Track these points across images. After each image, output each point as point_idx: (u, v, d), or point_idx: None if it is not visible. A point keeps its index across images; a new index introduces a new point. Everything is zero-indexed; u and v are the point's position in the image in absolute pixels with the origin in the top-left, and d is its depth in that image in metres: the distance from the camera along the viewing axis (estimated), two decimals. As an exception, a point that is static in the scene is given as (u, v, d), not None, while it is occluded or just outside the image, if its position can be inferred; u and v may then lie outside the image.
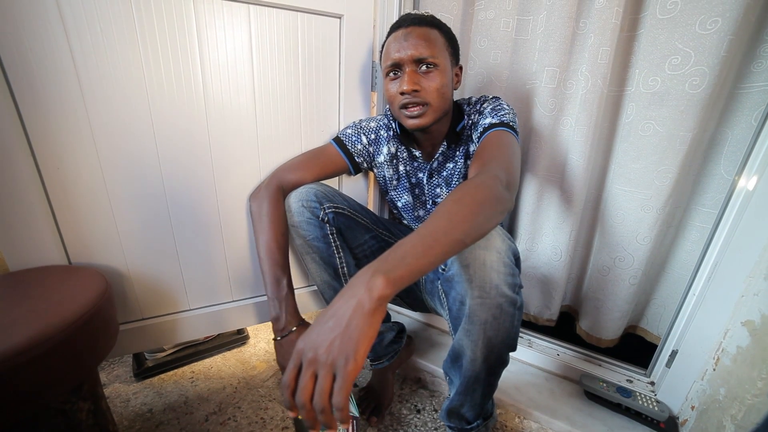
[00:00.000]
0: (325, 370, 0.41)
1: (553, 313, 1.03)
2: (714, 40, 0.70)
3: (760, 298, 0.65)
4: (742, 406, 0.63)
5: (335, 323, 0.43)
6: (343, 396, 0.40)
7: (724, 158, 0.79)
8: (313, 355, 0.42)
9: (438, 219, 0.49)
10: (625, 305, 0.94)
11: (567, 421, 0.84)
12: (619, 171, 0.88)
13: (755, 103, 0.73)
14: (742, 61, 0.73)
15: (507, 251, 0.59)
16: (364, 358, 0.42)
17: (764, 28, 0.70)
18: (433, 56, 0.70)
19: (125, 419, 0.88)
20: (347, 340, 0.41)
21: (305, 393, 0.41)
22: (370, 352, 0.90)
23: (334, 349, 0.41)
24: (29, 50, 0.62)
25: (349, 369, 0.40)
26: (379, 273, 0.43)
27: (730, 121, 0.77)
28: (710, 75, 0.72)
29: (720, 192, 0.80)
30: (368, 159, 0.89)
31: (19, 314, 0.54)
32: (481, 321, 0.59)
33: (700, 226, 0.85)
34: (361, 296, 0.43)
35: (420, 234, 0.47)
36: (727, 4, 0.68)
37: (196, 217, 0.84)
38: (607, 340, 0.98)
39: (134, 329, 0.83)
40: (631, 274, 0.90)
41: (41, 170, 0.67)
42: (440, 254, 0.46)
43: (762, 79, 0.72)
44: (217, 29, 0.75)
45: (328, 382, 0.40)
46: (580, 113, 0.85)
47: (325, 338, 0.42)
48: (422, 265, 0.45)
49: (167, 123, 0.75)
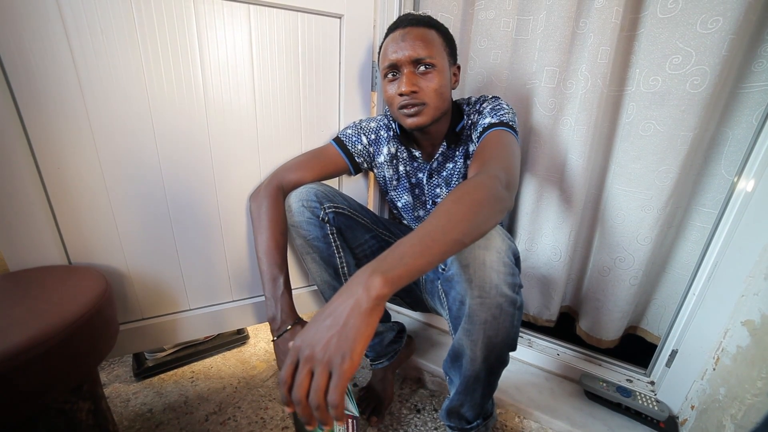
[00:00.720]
0: (321, 367, 0.41)
1: (552, 313, 1.03)
2: (715, 40, 0.70)
3: (760, 298, 0.65)
4: (742, 406, 0.63)
5: (332, 321, 0.43)
6: (339, 394, 0.40)
7: (724, 158, 0.79)
8: (310, 353, 0.42)
9: (437, 219, 0.49)
10: (626, 306, 0.93)
11: (567, 421, 0.84)
12: (620, 171, 0.88)
13: (756, 102, 0.73)
14: (743, 60, 0.73)
15: (507, 251, 0.59)
16: (361, 357, 0.42)
17: (765, 28, 0.70)
18: (430, 56, 0.71)
19: (125, 419, 0.88)
20: (344, 338, 0.41)
21: (301, 390, 0.41)
22: (369, 352, 0.91)
23: (331, 347, 0.41)
24: (29, 50, 0.62)
25: (345, 367, 0.40)
26: (377, 272, 0.43)
27: (731, 121, 0.77)
28: (711, 74, 0.72)
29: (721, 192, 0.80)
30: (368, 159, 0.89)
31: (19, 314, 0.54)
32: (480, 321, 0.59)
33: (700, 226, 0.85)
34: (359, 295, 0.43)
35: (419, 234, 0.47)
36: (728, 4, 0.67)
37: (196, 216, 0.84)
38: (608, 341, 0.98)
39: (134, 329, 0.83)
40: (632, 275, 0.90)
41: (41, 170, 0.67)
42: (438, 254, 0.46)
43: (763, 78, 0.71)
44: (217, 29, 0.75)
45: (324, 380, 0.41)
46: (580, 113, 0.85)
47: (322, 336, 0.42)
48: (421, 265, 0.45)
49: (167, 122, 0.75)
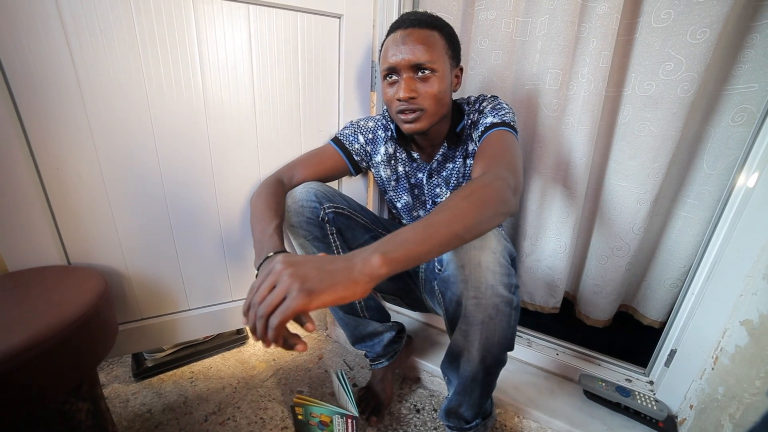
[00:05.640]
0: (281, 287, 0.42)
1: (557, 300, 1.09)
2: (702, 49, 0.75)
3: (759, 298, 0.65)
4: (740, 405, 0.64)
5: (318, 265, 0.44)
6: (279, 320, 0.41)
7: (707, 154, 0.85)
8: (282, 269, 0.43)
9: (443, 211, 0.49)
10: (621, 288, 1.02)
11: (566, 421, 0.84)
12: (617, 168, 0.93)
13: (734, 103, 0.79)
14: (723, 66, 0.78)
15: (502, 251, 0.59)
16: (317, 308, 0.43)
17: (743, 36, 0.75)
18: (431, 62, 0.68)
19: (124, 419, 0.88)
20: (317, 280, 0.42)
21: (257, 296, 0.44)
22: (369, 352, 0.91)
23: (300, 277, 0.42)
24: (29, 51, 0.62)
25: (299, 302, 0.41)
26: (377, 252, 0.44)
27: (713, 121, 0.83)
28: (698, 81, 0.77)
29: (702, 185, 0.87)
30: (366, 158, 0.89)
31: (18, 314, 0.54)
32: (477, 321, 0.59)
33: (684, 215, 0.92)
34: (355, 264, 0.44)
35: (423, 223, 0.48)
36: (713, 17, 0.73)
37: (196, 216, 0.84)
38: (603, 320, 1.07)
39: (133, 329, 0.83)
40: (627, 261, 0.97)
41: (40, 170, 0.67)
42: (437, 245, 0.47)
43: (741, 82, 0.77)
44: (216, 29, 0.75)
45: (277, 299, 0.42)
46: (582, 114, 0.87)
47: (302, 266, 0.44)
48: (420, 252, 0.46)
49: (166, 123, 0.75)
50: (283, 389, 0.99)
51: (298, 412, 0.80)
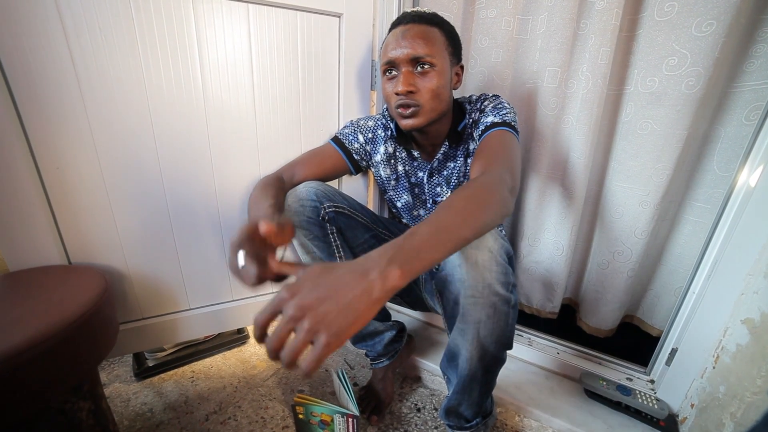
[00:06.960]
0: (305, 334, 0.38)
1: (555, 306, 1.06)
2: (709, 42, 0.71)
3: (760, 296, 0.65)
4: (741, 404, 0.63)
5: (334, 293, 0.39)
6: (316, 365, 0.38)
7: (717, 155, 0.81)
8: (300, 314, 0.39)
9: (450, 214, 0.48)
10: (624, 296, 0.96)
11: (567, 420, 0.84)
12: (619, 168, 0.90)
13: (747, 101, 0.75)
14: (735, 61, 0.74)
15: (500, 250, 0.59)
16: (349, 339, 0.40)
17: (756, 30, 0.71)
18: (430, 55, 0.69)
19: (125, 419, 0.88)
20: (343, 317, 0.38)
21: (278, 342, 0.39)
22: (370, 351, 0.91)
23: (325, 320, 0.38)
24: (28, 50, 0.62)
25: (333, 345, 0.38)
26: (395, 263, 0.41)
27: (724, 119, 0.79)
28: (705, 76, 0.73)
29: (713, 187, 0.83)
30: (366, 157, 0.89)
31: (19, 314, 0.54)
32: (474, 320, 0.59)
33: (693, 220, 0.87)
34: (374, 280, 0.40)
35: (433, 227, 0.46)
36: (721, 8, 0.69)
37: (196, 216, 0.84)
38: (606, 330, 1.01)
39: (134, 329, 0.83)
40: (630, 267, 0.93)
41: (41, 170, 0.67)
42: (449, 250, 0.45)
43: (754, 78, 0.73)
44: (216, 28, 0.75)
45: (304, 345, 0.38)
46: (581, 112, 0.86)
47: (318, 303, 0.39)
48: (435, 259, 0.44)
49: (166, 122, 0.75)
50: (284, 388, 0.99)
51: (298, 411, 0.81)
